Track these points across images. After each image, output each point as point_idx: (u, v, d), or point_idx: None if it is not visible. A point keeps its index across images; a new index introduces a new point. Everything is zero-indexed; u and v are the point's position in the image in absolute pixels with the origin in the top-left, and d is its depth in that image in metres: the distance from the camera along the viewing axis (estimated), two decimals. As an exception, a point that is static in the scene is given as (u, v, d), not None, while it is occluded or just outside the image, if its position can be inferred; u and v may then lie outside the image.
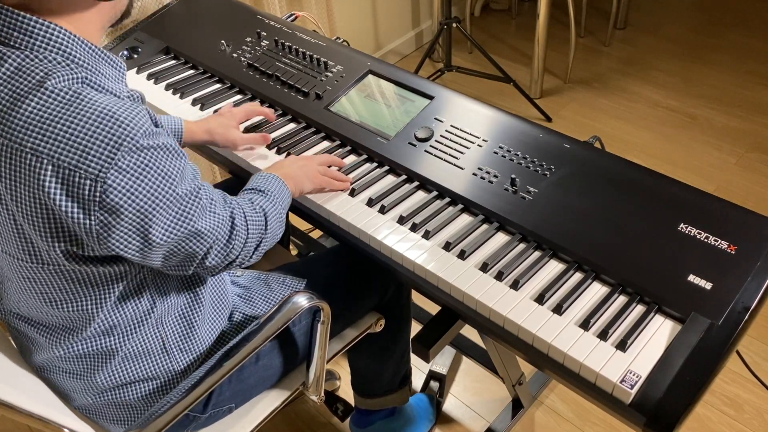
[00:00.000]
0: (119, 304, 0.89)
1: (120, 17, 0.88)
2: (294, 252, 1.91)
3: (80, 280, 0.84)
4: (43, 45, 0.76)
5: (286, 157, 1.25)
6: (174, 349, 0.97)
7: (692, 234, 0.96)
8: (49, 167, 0.72)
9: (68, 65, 0.76)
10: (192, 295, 0.98)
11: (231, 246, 0.90)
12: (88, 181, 0.72)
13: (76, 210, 0.73)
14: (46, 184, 0.72)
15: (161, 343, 0.96)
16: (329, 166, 1.19)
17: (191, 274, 0.97)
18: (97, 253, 0.79)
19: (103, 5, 0.81)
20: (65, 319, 0.89)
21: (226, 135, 1.24)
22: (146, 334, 0.94)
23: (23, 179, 0.73)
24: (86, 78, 0.76)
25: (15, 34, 0.75)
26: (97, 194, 0.73)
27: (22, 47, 0.75)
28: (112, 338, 0.91)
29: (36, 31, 0.75)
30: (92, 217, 0.74)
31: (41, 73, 0.74)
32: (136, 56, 1.59)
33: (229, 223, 0.89)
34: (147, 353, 0.95)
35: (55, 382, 0.97)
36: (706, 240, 0.95)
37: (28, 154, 0.72)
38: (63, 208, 0.73)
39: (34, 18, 0.75)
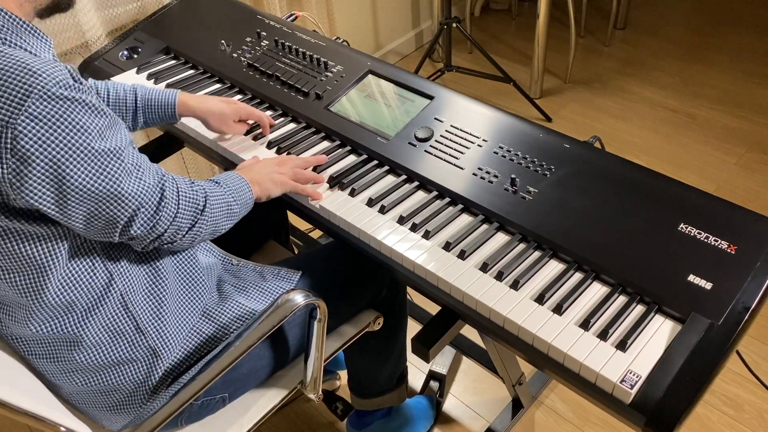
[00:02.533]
0: (69, 276, 0.88)
1: (47, 7, 0.89)
2: (294, 252, 1.91)
3: (15, 241, 0.83)
4: None
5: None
6: (149, 328, 0.96)
7: (692, 234, 0.96)
8: None
9: None
10: (151, 268, 0.97)
11: (158, 217, 0.89)
12: None
13: None
14: None
15: (133, 322, 0.95)
16: (307, 168, 1.18)
17: (133, 246, 0.95)
18: (19, 204, 0.79)
19: None
20: (16, 293, 0.87)
21: (221, 125, 1.27)
22: (111, 312, 0.93)
23: None
24: (5, 39, 0.78)
25: None
26: (8, 141, 0.73)
27: None
28: (72, 316, 0.91)
29: None
30: (4, 165, 0.74)
31: None
32: (136, 56, 1.59)
33: (158, 194, 0.88)
34: (119, 333, 0.94)
35: (38, 367, 0.97)
36: (706, 240, 0.95)
37: None
38: None
39: None
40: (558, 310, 0.92)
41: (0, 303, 0.92)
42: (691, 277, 0.91)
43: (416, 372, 1.73)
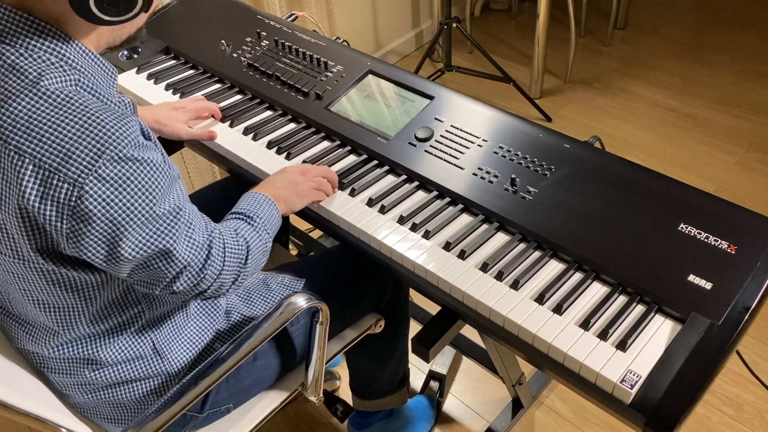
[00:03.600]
0: (103, 310, 0.89)
1: (121, 43, 0.88)
2: (294, 252, 1.91)
3: (59, 282, 0.83)
4: (38, 45, 0.76)
5: (286, 157, 1.25)
6: (165, 350, 0.97)
7: (692, 234, 0.96)
8: (30, 167, 0.72)
9: (62, 66, 0.76)
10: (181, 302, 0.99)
11: (203, 275, 0.87)
12: (66, 185, 0.72)
13: (49, 210, 0.73)
14: (24, 182, 0.72)
15: (151, 345, 0.96)
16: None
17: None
18: (69, 253, 0.78)
19: (102, 28, 0.82)
20: (51, 321, 0.89)
21: (173, 127, 1.26)
22: (133, 339, 0.94)
23: (4, 175, 0.74)
24: (79, 80, 0.76)
25: (12, 32, 0.75)
26: (73, 199, 0.72)
27: (17, 46, 0.75)
28: (97, 343, 0.91)
29: (33, 30, 0.75)
30: (64, 221, 0.74)
31: (35, 73, 0.74)
32: (136, 56, 1.59)
33: (206, 252, 0.86)
34: (137, 356, 0.95)
35: (49, 377, 0.98)
36: (706, 240, 0.95)
37: (11, 151, 0.72)
38: (36, 208, 0.73)
39: (31, 17, 0.75)
40: (558, 310, 0.92)
41: (23, 321, 0.93)
42: (691, 277, 0.91)
43: (416, 372, 1.73)
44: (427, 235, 1.06)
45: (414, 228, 1.08)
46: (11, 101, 0.73)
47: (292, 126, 1.35)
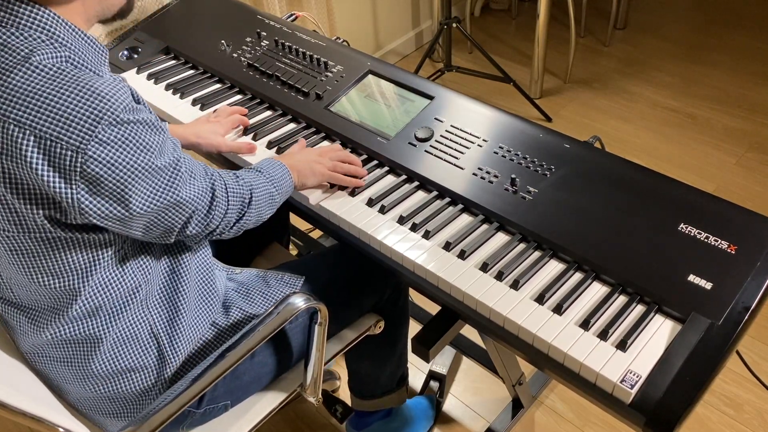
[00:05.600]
0: (103, 282, 0.90)
1: (113, 16, 0.91)
2: (294, 252, 1.91)
3: (64, 247, 0.85)
4: (28, 24, 0.79)
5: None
6: (162, 335, 0.97)
7: (692, 234, 0.96)
8: (32, 138, 0.74)
9: (52, 44, 0.79)
10: (175, 277, 0.99)
11: (211, 216, 0.93)
12: (69, 152, 0.75)
13: (57, 180, 0.76)
14: (29, 154, 0.75)
15: (149, 328, 0.96)
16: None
17: (173, 255, 0.99)
18: (78, 221, 0.82)
19: None
20: (51, 297, 0.89)
21: (212, 141, 1.26)
22: (132, 318, 0.95)
23: (5, 150, 0.76)
24: (69, 57, 0.79)
25: (0, 13, 0.78)
26: (78, 164, 0.76)
27: (7, 26, 0.78)
28: (97, 320, 0.92)
29: (21, 11, 0.78)
30: (73, 187, 0.77)
31: (26, 50, 0.77)
32: (136, 56, 1.59)
33: (210, 194, 0.92)
34: (135, 338, 0.95)
35: (48, 374, 0.98)
36: (706, 240, 0.95)
37: (11, 124, 0.75)
38: (44, 178, 0.76)
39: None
40: (558, 310, 0.92)
41: (25, 307, 0.93)
42: (691, 277, 0.91)
43: (416, 372, 1.73)
44: (427, 235, 1.06)
45: (414, 228, 1.08)
46: (5, 77, 0.76)
47: (292, 126, 1.35)
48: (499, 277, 0.98)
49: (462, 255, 1.02)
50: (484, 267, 0.99)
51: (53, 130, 0.74)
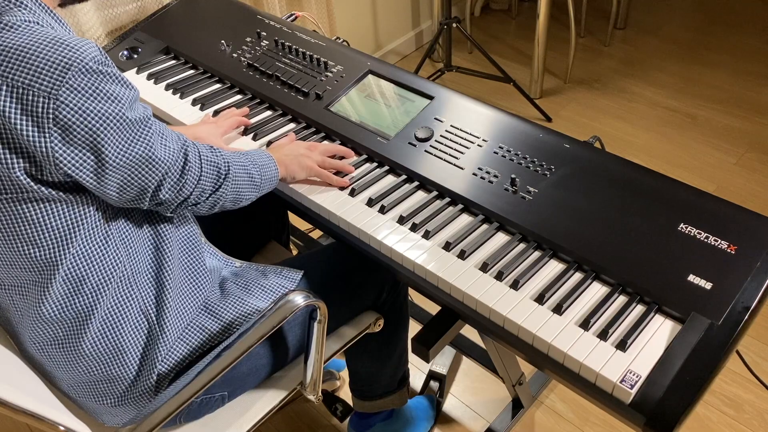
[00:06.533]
0: (83, 253, 0.90)
1: None
2: (294, 252, 1.91)
3: (44, 211, 0.86)
4: None
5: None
6: (150, 312, 0.97)
7: (692, 234, 0.96)
8: (3, 87, 0.76)
9: (20, 9, 0.82)
10: (159, 253, 1.00)
11: (184, 180, 0.93)
12: (41, 99, 0.77)
13: (30, 127, 0.78)
14: (2, 104, 0.77)
15: (138, 306, 0.96)
16: (335, 156, 1.22)
17: (156, 230, 0.99)
18: (54, 177, 0.83)
19: None
20: (32, 270, 0.89)
21: (211, 142, 1.28)
22: (120, 294, 0.95)
23: None
24: (37, 22, 0.82)
25: None
26: (50, 110, 0.77)
27: None
28: (82, 296, 0.92)
29: None
30: (46, 134, 0.78)
31: None
32: (136, 56, 1.59)
33: (182, 158, 0.93)
34: (125, 316, 0.95)
35: (42, 360, 0.97)
36: (706, 240, 0.95)
37: None
38: (18, 126, 0.77)
39: None
40: (558, 310, 0.92)
41: (14, 287, 0.93)
42: (691, 277, 0.91)
43: (416, 372, 1.73)
44: (427, 235, 1.06)
45: (414, 228, 1.08)
46: None
47: (292, 126, 1.35)
48: (499, 277, 0.98)
49: (462, 255, 1.02)
50: (484, 267, 0.99)
51: (25, 78, 0.76)
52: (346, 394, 1.65)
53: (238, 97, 1.44)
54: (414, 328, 1.72)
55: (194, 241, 1.06)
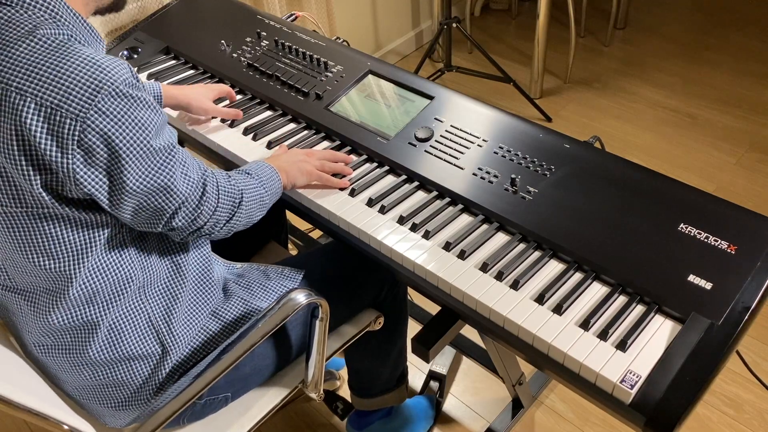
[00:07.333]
0: (98, 268, 0.90)
1: (107, 7, 0.95)
2: (294, 252, 1.91)
3: (60, 225, 0.86)
4: (33, 3, 0.82)
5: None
6: (160, 323, 0.98)
7: (692, 234, 0.96)
8: (32, 104, 0.76)
9: (54, 23, 0.82)
10: (173, 267, 1.00)
11: (199, 211, 0.93)
12: (68, 120, 0.76)
13: (54, 148, 0.77)
14: (28, 120, 0.76)
15: (146, 317, 0.97)
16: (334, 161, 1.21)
17: (175, 252, 1.00)
18: (74, 194, 0.82)
19: None
20: (47, 279, 0.89)
21: (202, 103, 1.33)
22: (128, 306, 0.95)
23: (6, 116, 0.77)
24: (71, 36, 0.82)
25: None
26: (76, 133, 0.77)
27: (13, 4, 0.81)
28: (93, 306, 0.92)
29: None
30: (69, 156, 0.78)
31: (30, 25, 0.80)
32: (136, 56, 1.59)
33: (201, 188, 0.93)
34: (132, 326, 0.96)
35: (46, 363, 0.98)
36: (706, 240, 0.95)
37: (13, 92, 0.76)
38: (42, 144, 0.77)
39: None
40: (558, 310, 0.92)
41: (21, 291, 0.93)
42: (691, 277, 0.91)
43: (416, 372, 1.73)
44: (427, 235, 1.06)
45: (414, 228, 1.08)
46: (9, 48, 0.78)
47: (292, 126, 1.35)
48: (499, 277, 0.98)
49: (462, 255, 1.02)
50: (484, 267, 0.99)
51: (54, 98, 0.76)
52: (346, 392, 1.65)
53: (238, 97, 1.44)
54: (414, 328, 1.72)
55: (206, 254, 1.07)
